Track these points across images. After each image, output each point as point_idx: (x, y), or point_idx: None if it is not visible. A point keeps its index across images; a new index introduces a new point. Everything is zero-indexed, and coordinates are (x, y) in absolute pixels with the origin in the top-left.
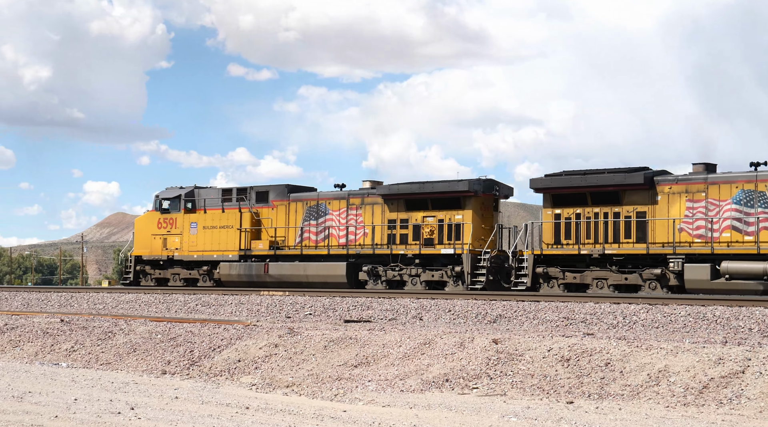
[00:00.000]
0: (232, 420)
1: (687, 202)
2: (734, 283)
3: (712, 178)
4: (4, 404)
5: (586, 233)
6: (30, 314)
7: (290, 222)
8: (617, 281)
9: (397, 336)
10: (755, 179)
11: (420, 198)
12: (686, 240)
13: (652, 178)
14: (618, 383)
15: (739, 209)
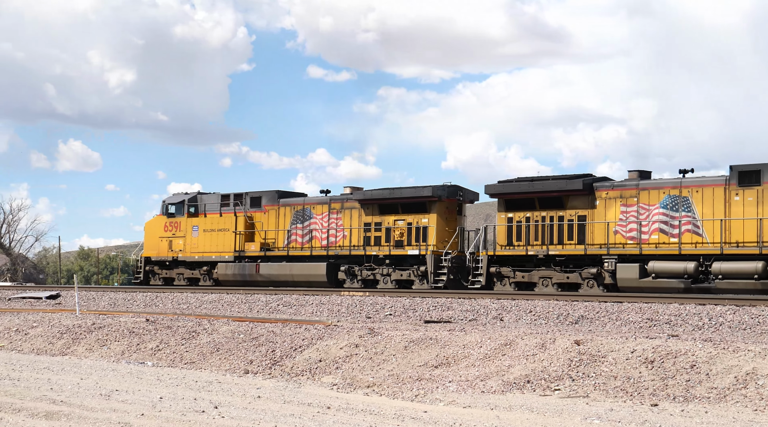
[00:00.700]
0: (314, 420)
1: (621, 207)
2: (659, 281)
3: (643, 185)
4: (92, 402)
5: (534, 236)
6: (117, 314)
7: (280, 225)
8: (560, 280)
9: (477, 337)
10: (680, 185)
11: (391, 203)
12: (620, 242)
13: (591, 185)
14: (704, 386)
15: (666, 213)
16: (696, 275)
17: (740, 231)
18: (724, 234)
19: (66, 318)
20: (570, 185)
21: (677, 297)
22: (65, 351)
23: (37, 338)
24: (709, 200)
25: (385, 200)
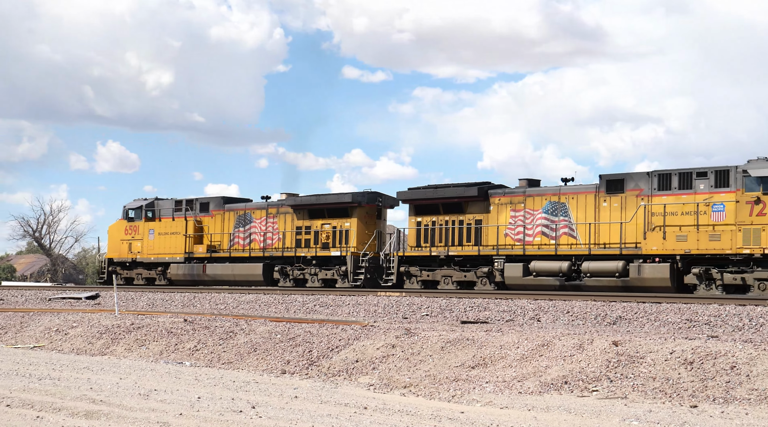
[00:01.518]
0: (351, 420)
1: (511, 212)
2: (539, 279)
3: (529, 192)
4: (131, 401)
5: (438, 238)
6: (155, 314)
7: (224, 229)
8: (459, 278)
9: (514, 337)
10: (559, 193)
11: (319, 208)
12: (510, 243)
13: (486, 192)
14: (744, 387)
15: (548, 218)
16: (569, 273)
17: (607, 234)
18: (594, 236)
19: (105, 318)
20: (467, 192)
21: (717, 298)
22: (104, 351)
23: (77, 338)
24: (582, 206)
25: (313, 206)
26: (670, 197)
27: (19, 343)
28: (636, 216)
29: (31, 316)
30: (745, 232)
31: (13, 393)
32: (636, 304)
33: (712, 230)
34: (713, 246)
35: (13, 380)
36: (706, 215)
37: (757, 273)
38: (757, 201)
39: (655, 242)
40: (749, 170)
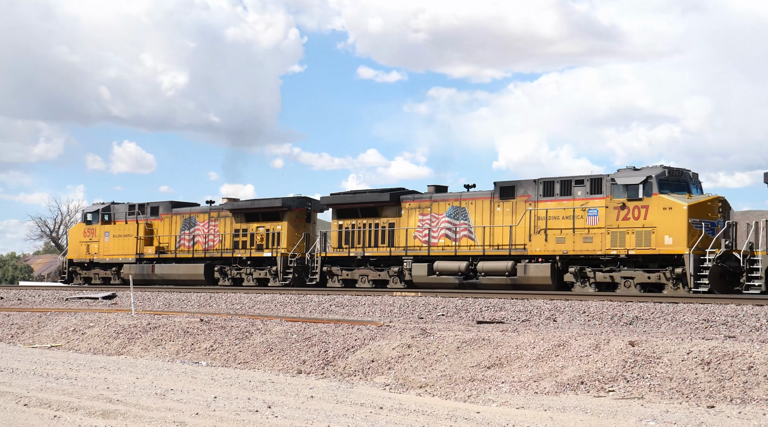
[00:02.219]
0: (367, 420)
1: (419, 216)
2: (441, 277)
3: (435, 198)
4: (147, 401)
5: (357, 240)
6: (171, 314)
7: (172, 231)
8: (374, 277)
9: (530, 337)
10: (461, 198)
11: (254, 212)
12: (418, 245)
13: (399, 197)
14: (762, 388)
15: (450, 221)
16: (467, 272)
17: (500, 236)
18: (488, 238)
19: (122, 318)
20: (381, 197)
21: (734, 298)
22: (121, 351)
23: (94, 337)
24: (480, 211)
25: (249, 210)
26: (552, 203)
27: (37, 343)
28: (523, 220)
29: (48, 316)
30: (613, 235)
31: (30, 392)
32: (653, 304)
33: (587, 233)
34: (586, 247)
35: (30, 379)
36: (582, 219)
37: (623, 272)
38: (623, 207)
39: (539, 244)
40: (616, 179)
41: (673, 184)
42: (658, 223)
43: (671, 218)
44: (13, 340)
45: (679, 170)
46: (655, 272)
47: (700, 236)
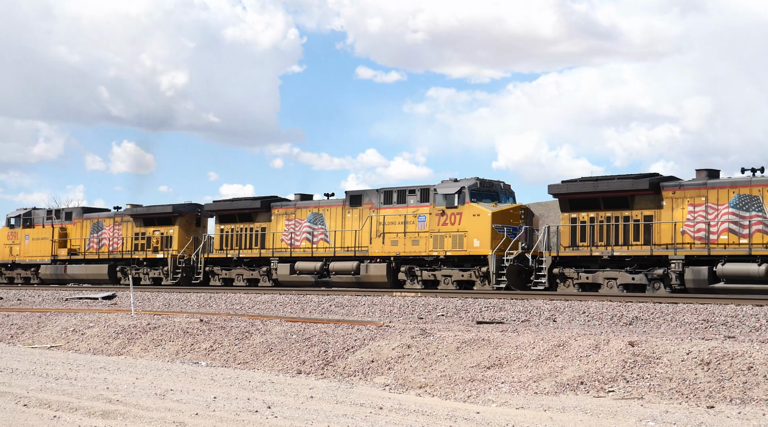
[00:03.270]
0: (366, 420)
1: (286, 221)
2: (302, 276)
3: (299, 205)
4: (147, 401)
5: (235, 242)
6: (171, 314)
7: (82, 235)
8: (248, 276)
9: (530, 338)
10: (319, 205)
11: (150, 217)
12: (284, 247)
13: (269, 204)
14: (762, 388)
15: (311, 226)
16: (321, 271)
17: (350, 239)
18: (340, 241)
19: (121, 318)
20: (254, 204)
21: (733, 298)
22: (121, 351)
23: (94, 338)
24: (335, 216)
25: (146, 215)
26: (390, 210)
27: (36, 343)
28: (367, 224)
29: (48, 316)
30: (435, 238)
31: (30, 393)
32: (652, 304)
33: (416, 236)
34: (415, 249)
35: (30, 379)
36: (413, 224)
37: (443, 270)
38: (442, 213)
39: (378, 246)
40: (438, 189)
41: (484, 193)
42: (469, 228)
43: (479, 223)
44: (12, 340)
45: (490, 182)
46: (467, 270)
47: (503, 239)
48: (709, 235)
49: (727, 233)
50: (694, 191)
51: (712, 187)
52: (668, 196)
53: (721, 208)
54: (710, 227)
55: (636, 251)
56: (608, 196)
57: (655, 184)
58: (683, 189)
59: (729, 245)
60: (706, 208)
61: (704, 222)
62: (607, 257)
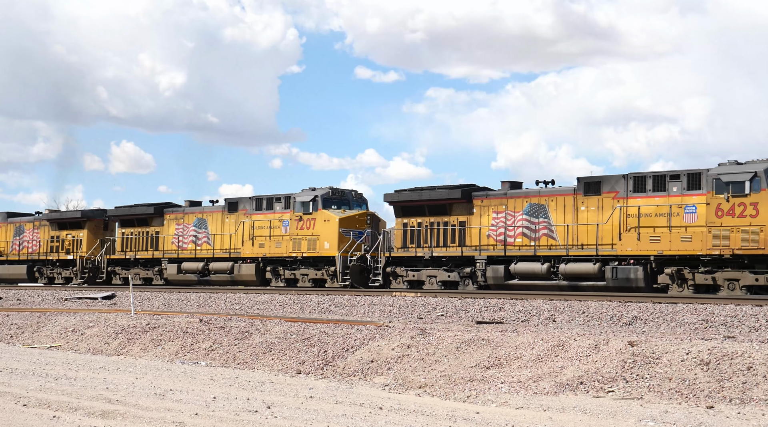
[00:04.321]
0: (366, 420)
1: (176, 226)
2: (187, 275)
3: (187, 211)
4: (147, 401)
5: (134, 245)
6: (171, 314)
7: (7, 238)
8: (144, 276)
9: (529, 338)
10: (207, 211)
11: (63, 221)
12: (174, 249)
13: (162, 210)
14: (761, 388)
15: (196, 230)
16: (204, 271)
17: (228, 242)
18: (220, 244)
19: (121, 318)
20: (147, 211)
21: (734, 298)
22: (120, 351)
23: (93, 338)
24: (216, 221)
25: (59, 219)
26: (260, 216)
27: (36, 343)
28: (240, 229)
29: (47, 316)
30: (294, 241)
31: (29, 393)
32: (652, 304)
33: (280, 239)
34: (278, 251)
35: (29, 379)
36: (278, 228)
37: (302, 270)
38: (300, 219)
39: (248, 248)
40: (297, 197)
41: (335, 201)
42: (321, 232)
43: (329, 228)
44: (12, 340)
45: (342, 190)
46: (320, 269)
47: (348, 242)
48: (507, 238)
49: (521, 236)
50: (497, 200)
51: (511, 197)
52: (478, 204)
53: (517, 215)
54: (508, 231)
55: (451, 252)
56: (431, 204)
57: (467, 193)
58: (489, 198)
59: (522, 247)
60: (506, 215)
61: (504, 227)
62: (428, 257)
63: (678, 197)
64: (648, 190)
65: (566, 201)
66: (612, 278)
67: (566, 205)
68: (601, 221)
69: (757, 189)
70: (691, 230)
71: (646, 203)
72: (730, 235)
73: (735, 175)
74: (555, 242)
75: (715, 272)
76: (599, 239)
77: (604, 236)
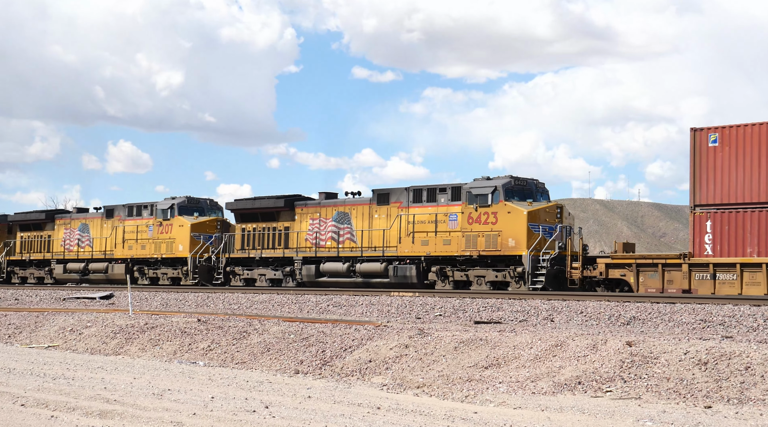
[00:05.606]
0: (364, 420)
1: (64, 230)
2: (70, 275)
3: (74, 217)
4: (144, 401)
5: (29, 247)
6: (169, 314)
7: None
8: (38, 275)
9: (527, 337)
10: (85, 218)
11: None
12: (62, 251)
13: (54, 216)
14: (759, 388)
15: (81, 235)
16: (84, 271)
17: (103, 246)
18: (99, 247)
19: (119, 318)
20: (40, 216)
21: (731, 298)
22: (118, 351)
23: (91, 337)
24: (96, 227)
25: None
26: (132, 221)
27: (34, 343)
28: (113, 233)
29: (45, 316)
30: (156, 244)
31: (27, 393)
32: (650, 304)
33: (147, 243)
34: (143, 253)
35: (27, 379)
36: (145, 232)
37: (162, 269)
38: (160, 224)
39: (120, 251)
40: (158, 205)
41: (191, 208)
42: (177, 236)
43: (183, 232)
44: (10, 340)
45: (197, 199)
46: (176, 269)
47: (199, 244)
48: (319, 241)
49: (331, 240)
50: (313, 209)
51: (324, 206)
52: (299, 212)
53: (328, 221)
54: (320, 236)
55: (276, 253)
56: (263, 211)
57: (290, 202)
58: (308, 207)
59: (331, 249)
60: (320, 222)
61: (317, 232)
62: (259, 258)
63: (444, 207)
64: (423, 201)
65: (364, 210)
66: (393, 275)
67: (364, 213)
68: (387, 227)
69: (496, 201)
70: (451, 235)
71: (420, 212)
72: (478, 239)
73: (481, 189)
74: (355, 244)
75: (468, 269)
76: (386, 243)
77: (390, 239)
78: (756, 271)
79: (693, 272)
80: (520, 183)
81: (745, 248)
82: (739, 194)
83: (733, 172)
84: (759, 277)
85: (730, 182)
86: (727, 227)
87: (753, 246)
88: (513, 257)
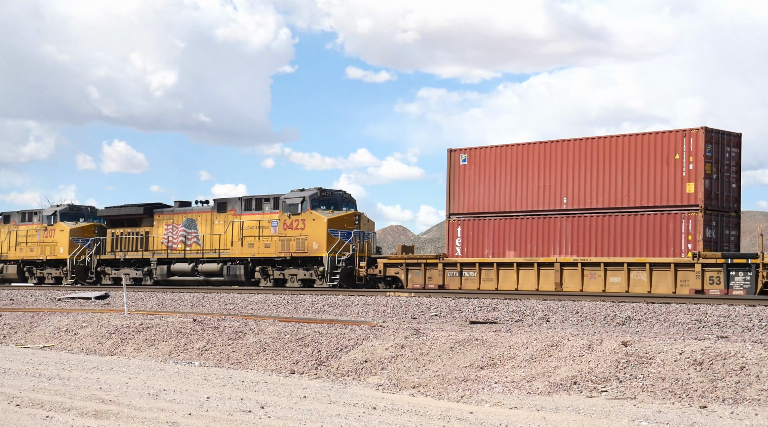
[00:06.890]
0: (360, 420)
1: None
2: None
3: None
4: (140, 401)
5: None
6: (164, 314)
7: None
8: None
9: (523, 338)
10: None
11: None
12: None
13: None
14: (754, 388)
15: None
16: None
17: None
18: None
19: (114, 318)
20: None
21: (727, 298)
22: (114, 351)
23: (87, 338)
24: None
25: None
26: (22, 227)
27: (29, 343)
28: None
29: (40, 316)
30: (41, 247)
31: (22, 393)
32: (645, 304)
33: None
34: (32, 255)
35: (22, 379)
36: (36, 236)
37: (47, 269)
38: (45, 230)
39: (13, 254)
40: (43, 212)
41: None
42: (58, 239)
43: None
44: (5, 340)
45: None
46: (58, 268)
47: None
48: (171, 244)
49: (181, 243)
50: (168, 215)
51: (176, 213)
52: (157, 218)
53: (179, 227)
54: (171, 239)
55: (137, 255)
56: (128, 218)
57: (149, 210)
58: (164, 214)
59: (181, 251)
60: (173, 227)
61: (170, 236)
62: (123, 259)
63: (268, 215)
64: (252, 210)
65: (208, 217)
66: (227, 274)
67: (208, 219)
68: (224, 232)
69: (305, 209)
70: (271, 239)
71: (249, 219)
72: (290, 242)
73: (293, 199)
74: (200, 247)
75: (284, 269)
76: (222, 246)
77: (225, 243)
78: (489, 269)
79: (446, 270)
80: (326, 194)
81: (484, 250)
82: (481, 205)
83: (478, 186)
84: (491, 274)
85: (475, 195)
86: (472, 232)
87: (489, 248)
88: (317, 258)
